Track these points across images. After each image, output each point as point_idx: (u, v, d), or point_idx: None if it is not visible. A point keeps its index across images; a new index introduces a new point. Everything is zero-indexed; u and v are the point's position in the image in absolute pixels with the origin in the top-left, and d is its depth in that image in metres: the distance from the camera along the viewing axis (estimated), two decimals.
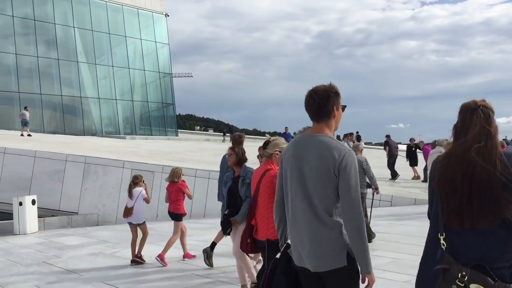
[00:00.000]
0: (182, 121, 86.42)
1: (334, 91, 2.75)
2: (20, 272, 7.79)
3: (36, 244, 10.55)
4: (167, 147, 27.76)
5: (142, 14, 42.58)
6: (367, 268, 2.57)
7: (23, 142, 19.60)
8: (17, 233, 12.10)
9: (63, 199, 14.56)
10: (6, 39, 34.80)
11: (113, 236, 11.12)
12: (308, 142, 2.71)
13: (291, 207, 2.74)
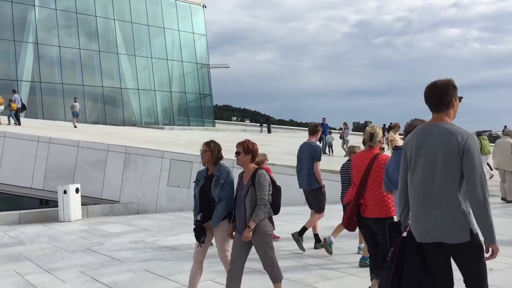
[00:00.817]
0: (219, 112, 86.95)
1: (452, 84, 3.12)
2: (65, 258, 8.07)
3: (80, 231, 10.90)
4: (204, 137, 27.92)
5: (180, 5, 42.93)
6: (491, 238, 2.89)
7: (67, 132, 20.19)
8: (62, 220, 12.52)
9: (105, 188, 14.95)
10: (50, 32, 35.81)
11: (153, 225, 11.35)
12: (432, 130, 3.08)
13: (418, 189, 3.10)
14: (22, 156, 15.62)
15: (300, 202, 13.16)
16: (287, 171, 13.74)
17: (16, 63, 33.41)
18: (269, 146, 23.97)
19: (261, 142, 22.21)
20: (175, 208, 14.16)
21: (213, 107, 47.76)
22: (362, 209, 4.73)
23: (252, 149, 4.68)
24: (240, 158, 4.68)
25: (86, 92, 36.39)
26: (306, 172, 7.38)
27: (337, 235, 7.03)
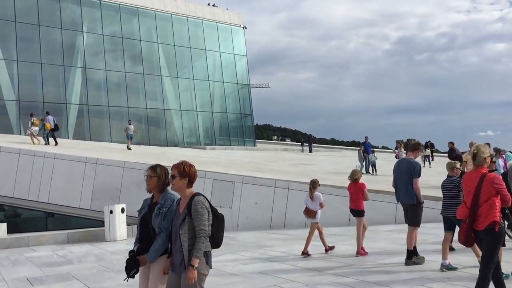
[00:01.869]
0: (259, 131, 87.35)
1: None
2: (112, 278, 8.19)
3: (125, 251, 11.03)
4: (245, 157, 28.17)
5: (221, 27, 43.77)
6: None
7: (113, 153, 20.74)
8: (108, 239, 12.78)
9: None
10: (97, 56, 37.18)
11: None
12: None
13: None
14: (71, 176, 16.13)
15: (344, 222, 12.94)
16: (330, 191, 13.56)
17: (66, 87, 34.77)
18: (311, 165, 23.81)
19: (303, 161, 22.19)
20: None
21: (254, 127, 48.03)
22: (475, 224, 4.91)
23: (189, 172, 4.15)
24: (175, 183, 4.13)
25: (131, 114, 37.35)
26: (405, 188, 7.52)
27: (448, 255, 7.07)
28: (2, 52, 32.44)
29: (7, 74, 32.39)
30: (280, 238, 11.53)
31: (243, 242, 11.10)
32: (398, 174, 7.71)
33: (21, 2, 33.62)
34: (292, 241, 10.92)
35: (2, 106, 30.04)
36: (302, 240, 10.61)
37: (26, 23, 33.48)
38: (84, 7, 36.32)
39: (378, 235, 9.96)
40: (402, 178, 7.55)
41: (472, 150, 5.10)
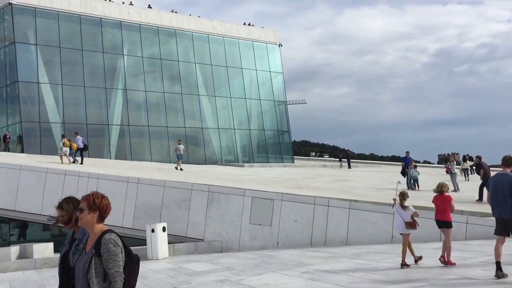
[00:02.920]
0: (297, 148, 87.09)
1: None
2: None
3: (167, 270, 11.18)
4: (284, 174, 28.11)
5: (257, 46, 44.24)
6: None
7: (154, 173, 21.12)
8: (150, 258, 12.95)
9: (190, 226, 15.33)
10: (137, 77, 38.22)
11: (237, 263, 11.39)
12: None
13: None
14: (113, 196, 16.41)
15: (386, 240, 12.67)
16: (371, 208, 13.35)
17: (107, 108, 35.84)
18: (350, 181, 23.52)
19: (342, 177, 21.97)
20: (257, 247, 14.16)
21: (291, 143, 47.96)
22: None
23: (99, 205, 3.56)
24: (83, 217, 3.52)
25: (170, 133, 38.10)
26: (504, 202, 7.51)
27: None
28: (47, 76, 33.80)
29: (52, 98, 33.69)
30: (321, 256, 11.37)
31: (284, 260, 11.02)
32: (496, 188, 7.67)
33: (65, 28, 35.09)
34: (333, 259, 10.76)
35: (47, 128, 31.20)
36: (344, 258, 10.46)
37: (70, 48, 34.85)
38: (124, 31, 37.53)
39: (422, 252, 9.68)
40: (501, 192, 7.51)
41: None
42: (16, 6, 33.05)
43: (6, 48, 33.99)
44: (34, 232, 18.90)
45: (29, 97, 32.92)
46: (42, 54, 33.85)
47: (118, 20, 37.08)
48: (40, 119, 32.63)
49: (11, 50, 33.21)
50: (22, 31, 33.63)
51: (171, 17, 40.29)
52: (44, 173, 17.69)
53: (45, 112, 33.18)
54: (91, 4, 36.21)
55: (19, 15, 33.40)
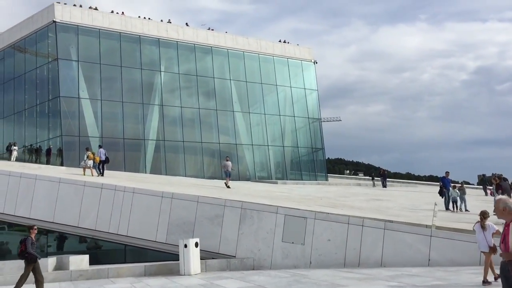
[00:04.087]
0: (331, 165, 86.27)
1: None
2: None
3: (199, 286, 11.18)
4: (317, 192, 27.84)
5: (291, 63, 44.38)
6: None
7: (188, 188, 21.28)
8: (183, 273, 12.99)
9: (222, 242, 15.31)
10: (173, 93, 38.88)
11: (269, 282, 11.28)
12: None
13: None
14: (148, 210, 16.70)
15: (422, 262, 12.31)
16: (407, 229, 13.02)
17: (144, 123, 36.53)
18: (385, 201, 23.06)
19: (377, 196, 21.54)
20: (289, 265, 14.01)
21: (325, 161, 47.57)
22: None
23: None
24: None
25: (204, 149, 38.46)
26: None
27: None
28: (88, 91, 34.79)
29: (91, 112, 34.61)
30: (355, 277, 11.13)
31: (316, 280, 10.84)
32: None
33: (106, 45, 36.17)
34: (368, 280, 10.51)
35: (86, 142, 31.96)
36: (379, 280, 10.19)
37: (109, 65, 35.85)
38: (162, 48, 38.36)
39: (461, 277, 9.36)
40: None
41: None
42: (60, 24, 34.33)
43: (49, 64, 35.24)
44: (71, 244, 19.30)
45: (70, 112, 33.92)
46: (83, 70, 34.92)
47: (156, 37, 37.97)
48: (79, 133, 33.53)
49: (54, 66, 34.40)
50: (64, 48, 34.83)
51: (207, 34, 40.96)
52: (82, 186, 18.10)
53: (85, 126, 34.09)
54: (130, 22, 37.26)
55: (62, 33, 34.64)
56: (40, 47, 36.31)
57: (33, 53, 36.95)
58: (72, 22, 34.76)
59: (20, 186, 19.10)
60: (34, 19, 36.40)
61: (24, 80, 37.21)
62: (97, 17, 35.95)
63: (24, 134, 36.97)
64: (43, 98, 35.48)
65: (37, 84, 36.51)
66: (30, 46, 37.04)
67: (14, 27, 38.71)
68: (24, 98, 37.32)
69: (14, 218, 19.09)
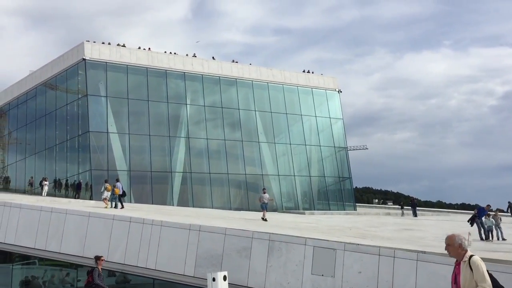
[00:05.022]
0: (359, 194, 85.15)
1: None
2: None
3: None
4: (346, 222, 27.39)
5: (316, 92, 44.52)
6: None
7: (216, 220, 21.22)
8: None
9: (250, 275, 15.09)
10: (199, 125, 39.35)
11: None
12: None
13: None
14: (176, 243, 16.66)
15: None
16: (441, 260, 12.60)
17: (171, 156, 36.93)
18: (416, 231, 22.51)
19: (408, 226, 21.03)
20: None
21: (353, 190, 47.00)
22: None
23: None
24: None
25: (230, 180, 38.51)
26: None
27: None
28: (116, 126, 35.52)
29: (120, 146, 35.22)
30: None
31: None
32: None
33: (133, 80, 37.07)
34: None
35: (115, 176, 32.37)
36: None
37: (137, 99, 36.64)
38: (187, 81, 39.08)
39: None
40: None
41: None
42: (89, 61, 35.42)
43: (79, 100, 36.23)
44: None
45: (99, 146, 34.61)
46: (111, 105, 35.76)
47: (182, 71, 38.75)
48: (108, 166, 34.08)
49: (84, 102, 35.34)
50: (94, 84, 35.84)
51: (231, 67, 41.60)
52: (110, 220, 18.25)
53: (113, 160, 34.66)
54: (157, 58, 38.19)
55: (91, 70, 35.71)
56: (70, 84, 37.45)
57: (64, 90, 38.12)
58: (101, 59, 35.84)
59: (51, 221, 19.39)
60: (65, 57, 37.70)
61: (55, 116, 38.31)
62: (125, 54, 37.00)
63: (55, 169, 37.82)
64: (73, 133, 36.35)
65: (68, 119, 37.50)
66: (61, 83, 38.26)
67: (46, 65, 40.14)
68: (55, 133, 38.35)
69: (45, 253, 19.32)
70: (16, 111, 44.29)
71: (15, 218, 20.17)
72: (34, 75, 41.69)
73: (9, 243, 19.95)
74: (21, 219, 20.02)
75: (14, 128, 44.85)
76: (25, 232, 19.72)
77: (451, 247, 5.04)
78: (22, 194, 36.30)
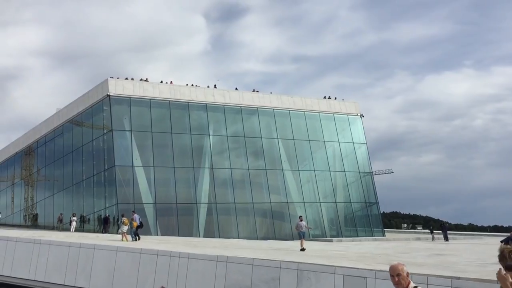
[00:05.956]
0: (387, 219, 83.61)
1: None
2: None
3: None
4: (375, 248, 26.84)
5: (338, 118, 44.43)
6: None
7: (242, 250, 21.05)
8: None
9: None
10: (222, 155, 39.51)
11: None
12: None
13: None
14: (203, 275, 16.53)
15: None
16: (476, 286, 12.18)
17: (196, 187, 37.06)
18: (449, 255, 21.88)
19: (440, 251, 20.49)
20: None
21: (380, 215, 46.21)
22: None
23: None
24: None
25: (255, 209, 38.32)
26: None
27: None
28: (141, 159, 35.94)
29: (145, 179, 35.54)
30: None
31: None
32: None
33: (156, 113, 37.65)
34: None
35: (141, 209, 32.62)
36: None
37: (160, 132, 37.13)
38: (209, 112, 39.49)
39: None
40: None
41: None
42: (114, 97, 36.20)
43: (105, 135, 36.89)
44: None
45: (124, 180, 34.99)
46: (136, 139, 36.28)
47: (204, 102, 39.22)
48: (134, 200, 34.35)
49: (109, 137, 35.96)
50: (118, 119, 36.51)
51: (253, 96, 41.94)
52: (138, 254, 18.27)
53: (139, 193, 34.94)
54: (179, 91, 38.81)
55: (116, 105, 36.45)
56: (96, 120, 38.23)
57: (89, 126, 38.92)
58: (124, 94, 36.60)
59: (79, 256, 19.52)
60: (90, 94, 38.63)
61: (81, 152, 39.03)
62: (148, 88, 37.72)
63: (82, 204, 38.30)
64: (100, 168, 36.88)
65: (94, 155, 38.14)
66: (87, 119, 39.10)
67: (71, 103, 41.18)
68: (82, 169, 38.99)
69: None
70: (44, 148, 45.34)
71: (45, 255, 20.39)
72: (60, 113, 42.76)
73: (39, 280, 20.12)
74: (51, 255, 20.22)
75: (42, 165, 45.82)
76: (54, 268, 19.89)
77: (401, 277, 4.80)
78: (51, 230, 36.76)
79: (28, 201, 48.32)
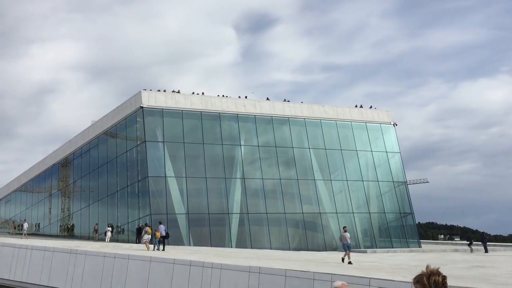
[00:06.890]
0: (423, 230, 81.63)
1: None
2: None
3: None
4: (411, 260, 26.19)
5: (370, 127, 43.83)
6: None
7: (274, 262, 20.87)
8: None
9: None
10: (253, 165, 39.49)
11: None
12: None
13: None
14: (236, 286, 16.43)
15: None
16: None
17: (227, 197, 37.12)
18: (489, 268, 21.12)
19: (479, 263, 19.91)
20: None
21: (416, 226, 45.12)
22: None
23: None
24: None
25: (287, 219, 38.06)
26: None
27: None
28: (173, 170, 36.30)
29: (177, 190, 35.84)
30: None
31: None
32: None
33: (188, 124, 38.05)
34: None
35: (174, 219, 32.91)
36: None
37: (192, 143, 37.45)
38: (241, 122, 39.61)
39: None
40: None
41: None
42: (147, 109, 36.78)
43: (138, 147, 37.48)
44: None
45: (158, 191, 35.38)
46: (168, 150, 36.70)
47: (235, 113, 39.39)
48: (167, 210, 34.66)
49: (142, 148, 36.51)
50: (151, 131, 37.05)
51: (283, 106, 41.86)
52: (171, 264, 18.35)
53: (172, 204, 35.25)
54: (210, 102, 39.12)
55: (149, 117, 37.02)
56: (129, 132, 38.91)
57: (123, 138, 39.63)
58: (157, 106, 37.14)
59: (114, 266, 19.75)
60: (124, 106, 39.38)
61: (116, 163, 39.73)
62: (180, 100, 38.18)
63: (117, 215, 38.89)
64: (133, 179, 37.43)
65: (128, 166, 38.76)
66: (121, 131, 39.84)
67: (106, 115, 42.06)
68: (116, 180, 39.65)
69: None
70: (80, 160, 46.40)
71: (81, 265, 20.73)
72: (95, 125, 43.72)
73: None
74: (87, 265, 20.55)
75: (78, 177, 46.87)
76: (90, 278, 20.18)
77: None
78: (86, 240, 37.45)
79: (64, 212, 49.48)
